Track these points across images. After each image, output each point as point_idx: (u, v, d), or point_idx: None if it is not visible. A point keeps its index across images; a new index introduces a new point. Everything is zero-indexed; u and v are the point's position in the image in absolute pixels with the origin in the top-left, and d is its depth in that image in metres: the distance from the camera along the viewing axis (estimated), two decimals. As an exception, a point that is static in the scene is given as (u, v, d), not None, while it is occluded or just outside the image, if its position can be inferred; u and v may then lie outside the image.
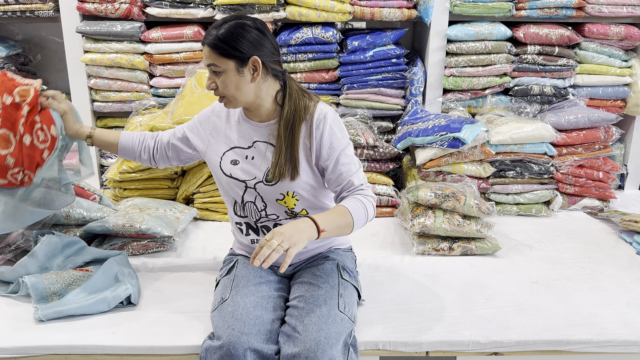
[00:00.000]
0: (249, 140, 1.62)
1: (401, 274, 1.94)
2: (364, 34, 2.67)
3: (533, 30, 2.65)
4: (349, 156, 1.58)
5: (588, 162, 2.57)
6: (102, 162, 2.86)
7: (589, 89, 2.79)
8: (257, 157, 1.60)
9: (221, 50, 1.48)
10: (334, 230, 1.47)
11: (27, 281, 1.66)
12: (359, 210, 1.51)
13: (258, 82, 1.53)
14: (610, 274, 1.97)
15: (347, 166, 1.57)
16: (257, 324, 1.43)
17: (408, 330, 1.60)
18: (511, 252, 2.13)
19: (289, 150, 1.55)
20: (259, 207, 1.64)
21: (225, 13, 2.57)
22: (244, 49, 1.48)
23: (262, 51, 1.50)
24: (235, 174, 1.62)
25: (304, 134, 1.56)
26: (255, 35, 1.49)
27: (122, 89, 2.71)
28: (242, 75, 1.50)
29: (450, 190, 2.16)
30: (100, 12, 2.59)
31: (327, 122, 1.55)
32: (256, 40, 1.49)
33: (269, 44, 1.52)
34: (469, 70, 2.70)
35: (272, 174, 1.55)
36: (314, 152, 1.56)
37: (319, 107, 1.58)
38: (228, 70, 1.49)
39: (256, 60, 1.49)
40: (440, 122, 2.45)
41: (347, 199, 1.54)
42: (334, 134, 1.56)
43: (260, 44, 1.50)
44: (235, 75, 1.50)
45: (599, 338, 1.59)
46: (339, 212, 1.49)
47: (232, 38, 1.47)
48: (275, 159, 1.55)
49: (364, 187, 1.57)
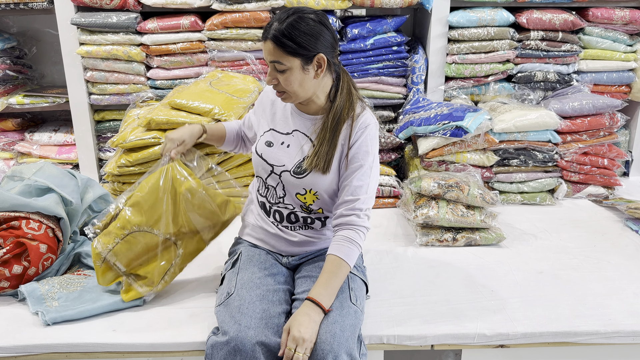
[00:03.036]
0: (289, 127, 1.60)
1: (405, 266, 1.92)
2: (363, 21, 2.63)
3: (536, 15, 2.60)
4: (369, 176, 1.54)
5: (593, 149, 2.54)
6: (100, 155, 2.83)
7: (593, 74, 2.75)
8: (292, 145, 1.59)
9: (288, 48, 1.42)
10: (335, 292, 1.47)
11: (22, 290, 1.65)
12: (353, 254, 1.49)
13: (319, 79, 1.50)
14: (616, 263, 1.94)
15: (361, 185, 1.53)
16: (264, 318, 1.41)
17: (413, 324, 1.58)
18: (516, 242, 2.11)
19: (329, 144, 1.53)
20: (278, 194, 1.62)
21: (223, 2, 2.53)
22: (311, 46, 1.43)
23: (326, 47, 1.47)
24: (266, 155, 1.60)
25: (344, 135, 1.55)
26: (319, 30, 1.44)
27: (118, 81, 2.67)
28: (307, 72, 1.47)
29: (453, 180, 2.13)
30: (95, 3, 2.54)
31: (367, 132, 1.54)
32: (321, 35, 1.45)
33: (331, 38, 1.48)
34: (471, 57, 2.66)
35: (309, 163, 1.53)
36: (343, 156, 1.55)
37: (365, 114, 1.57)
38: (293, 67, 1.44)
39: (322, 58, 1.46)
40: (443, 111, 2.42)
41: (339, 243, 1.49)
42: (366, 146, 1.54)
43: (325, 40, 1.46)
44: (300, 73, 1.46)
45: (606, 329, 1.57)
46: (336, 273, 1.46)
47: (298, 35, 1.41)
48: (315, 149, 1.53)
49: (363, 215, 1.52)
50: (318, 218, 1.64)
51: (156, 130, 2.31)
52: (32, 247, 1.66)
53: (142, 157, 2.30)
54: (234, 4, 2.53)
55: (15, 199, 1.70)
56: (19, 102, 2.73)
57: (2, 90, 2.75)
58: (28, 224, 1.69)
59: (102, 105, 2.77)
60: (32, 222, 1.70)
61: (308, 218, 1.63)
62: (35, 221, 1.71)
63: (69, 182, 1.88)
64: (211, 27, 2.56)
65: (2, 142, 2.83)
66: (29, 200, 1.71)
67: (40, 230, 1.70)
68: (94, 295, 1.65)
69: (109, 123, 2.80)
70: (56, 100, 2.74)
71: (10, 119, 2.85)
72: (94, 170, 2.80)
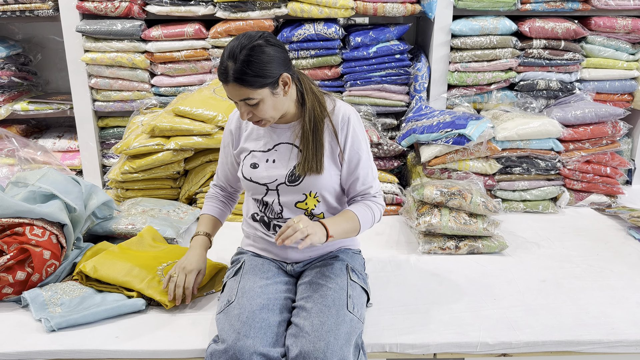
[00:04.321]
0: (269, 144, 1.62)
1: (407, 274, 1.92)
2: (366, 29, 2.64)
3: (538, 24, 2.61)
4: (369, 159, 1.63)
5: (595, 158, 2.54)
6: (104, 162, 2.84)
7: (595, 83, 2.75)
8: (278, 159, 1.60)
9: (254, 84, 1.42)
10: (341, 234, 1.55)
11: (26, 296, 1.65)
12: (367, 217, 1.59)
13: (288, 94, 1.52)
14: (619, 271, 1.94)
15: (367, 172, 1.63)
16: (263, 327, 1.41)
17: (415, 332, 1.58)
18: (518, 250, 2.11)
19: (315, 145, 1.55)
20: (276, 210, 1.63)
21: (227, 10, 2.54)
22: (273, 72, 1.43)
23: (284, 64, 1.47)
24: (256, 177, 1.61)
25: (328, 133, 1.58)
26: (272, 53, 1.43)
27: (123, 88, 2.69)
28: (277, 95, 1.48)
29: (456, 187, 2.13)
30: (100, 11, 2.56)
31: (351, 125, 1.59)
32: (276, 57, 1.44)
33: (284, 54, 1.48)
34: (473, 66, 2.66)
35: (300, 169, 1.55)
36: (339, 154, 1.59)
37: (338, 106, 1.60)
38: (264, 97, 1.45)
39: (286, 77, 1.47)
40: (445, 119, 2.42)
41: (357, 204, 1.62)
42: (357, 138, 1.60)
43: (280, 59, 1.45)
44: (271, 99, 1.47)
45: (609, 338, 1.56)
46: (348, 217, 1.57)
47: (258, 68, 1.40)
48: (303, 154, 1.55)
49: (377, 195, 1.65)
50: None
51: (160, 137, 2.33)
52: (35, 253, 1.67)
53: (145, 164, 2.31)
54: (238, 12, 2.55)
55: (20, 205, 1.71)
56: (23, 109, 2.74)
57: (7, 96, 2.77)
58: (32, 230, 1.70)
59: (106, 112, 2.78)
60: (36, 229, 1.71)
61: None
62: (39, 227, 1.71)
63: (73, 189, 1.89)
64: (215, 35, 2.58)
65: (6, 148, 2.85)
66: (33, 207, 1.72)
67: (44, 237, 1.70)
68: (97, 300, 1.66)
69: (112, 130, 2.82)
70: (60, 107, 2.76)
71: (14, 125, 2.87)
72: (98, 177, 2.81)
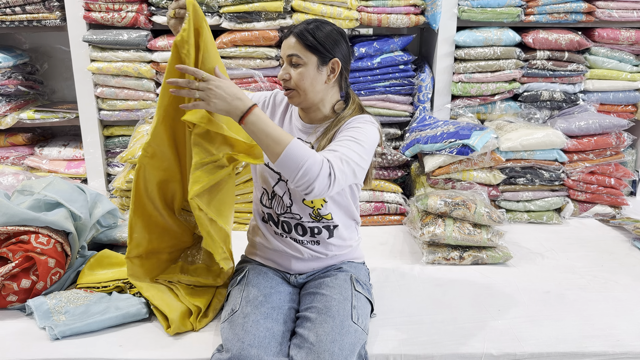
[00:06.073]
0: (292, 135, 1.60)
1: (411, 284, 1.92)
2: (371, 40, 2.65)
3: (542, 35, 2.63)
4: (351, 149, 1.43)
5: (599, 169, 2.54)
6: (109, 170, 2.86)
7: (599, 94, 2.76)
8: None
9: (308, 42, 1.50)
10: (259, 133, 1.34)
11: (30, 304, 1.65)
12: (301, 152, 1.33)
13: (328, 85, 1.56)
14: (624, 283, 1.93)
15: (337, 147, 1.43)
16: (267, 337, 1.40)
17: (419, 343, 1.57)
18: (523, 261, 2.10)
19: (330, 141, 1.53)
20: (285, 203, 1.62)
21: (232, 21, 2.56)
22: (330, 48, 1.52)
23: (342, 55, 1.56)
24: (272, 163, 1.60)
25: None
26: (339, 38, 1.55)
27: (128, 97, 2.70)
28: (320, 73, 1.53)
29: (460, 198, 2.13)
30: (106, 21, 2.59)
31: (360, 117, 1.56)
32: (340, 43, 1.55)
33: (347, 51, 1.58)
34: (477, 76, 2.68)
35: None
36: None
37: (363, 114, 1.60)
38: (309, 64, 1.51)
39: (337, 62, 1.54)
40: (449, 129, 2.43)
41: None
42: (356, 126, 1.50)
43: (343, 49, 1.56)
44: (314, 71, 1.52)
45: (614, 350, 1.56)
46: (280, 131, 1.35)
47: (321, 35, 1.51)
48: (317, 149, 1.53)
49: (332, 160, 1.37)
50: (326, 227, 1.63)
51: (165, 146, 2.33)
52: (40, 261, 1.67)
53: (150, 173, 2.31)
54: (244, 23, 2.57)
55: (25, 214, 1.72)
56: (29, 117, 2.76)
57: (14, 105, 2.79)
58: (37, 238, 1.70)
59: (111, 121, 2.79)
60: (41, 237, 1.71)
61: (315, 228, 1.62)
62: (44, 235, 1.72)
63: (78, 197, 1.90)
64: (220, 45, 2.60)
65: (12, 157, 2.86)
66: (38, 215, 1.73)
67: (49, 245, 1.71)
68: (101, 308, 1.66)
69: (117, 138, 2.83)
70: (66, 116, 2.78)
71: (20, 133, 2.88)
72: (103, 185, 2.82)
